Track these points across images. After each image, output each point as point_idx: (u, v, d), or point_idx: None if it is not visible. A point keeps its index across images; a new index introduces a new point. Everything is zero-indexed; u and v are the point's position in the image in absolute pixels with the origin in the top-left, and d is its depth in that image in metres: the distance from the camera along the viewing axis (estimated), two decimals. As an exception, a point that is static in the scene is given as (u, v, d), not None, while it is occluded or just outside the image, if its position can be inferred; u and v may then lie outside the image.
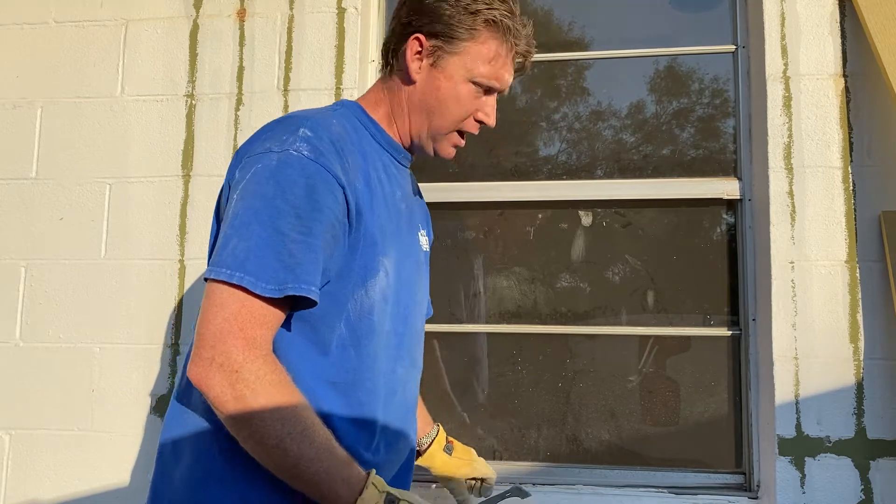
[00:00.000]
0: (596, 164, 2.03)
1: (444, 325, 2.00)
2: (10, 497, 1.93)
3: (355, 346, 1.09)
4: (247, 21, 2.02)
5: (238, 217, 1.00)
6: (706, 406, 1.89)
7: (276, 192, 0.99)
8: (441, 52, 1.14)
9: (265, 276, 0.96)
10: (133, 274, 1.95)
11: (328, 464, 0.98)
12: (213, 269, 0.98)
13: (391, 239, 1.15)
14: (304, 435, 0.96)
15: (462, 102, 1.16)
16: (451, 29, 1.13)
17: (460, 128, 1.20)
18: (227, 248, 0.98)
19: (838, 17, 1.81)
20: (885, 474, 1.66)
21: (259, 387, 0.95)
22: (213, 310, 0.96)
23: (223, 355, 0.94)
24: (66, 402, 1.94)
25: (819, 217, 1.75)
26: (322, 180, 1.01)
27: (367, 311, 1.09)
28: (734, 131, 1.96)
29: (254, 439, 0.96)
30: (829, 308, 1.72)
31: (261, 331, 0.97)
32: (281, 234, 0.98)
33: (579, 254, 2.00)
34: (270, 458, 0.97)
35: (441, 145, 1.21)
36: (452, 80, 1.15)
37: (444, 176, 2.05)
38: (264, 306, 0.97)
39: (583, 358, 1.96)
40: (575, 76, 2.09)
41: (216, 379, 0.94)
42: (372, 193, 1.11)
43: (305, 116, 1.09)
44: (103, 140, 2.02)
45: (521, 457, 1.94)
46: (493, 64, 1.15)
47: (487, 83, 1.16)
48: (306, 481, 0.98)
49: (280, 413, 0.96)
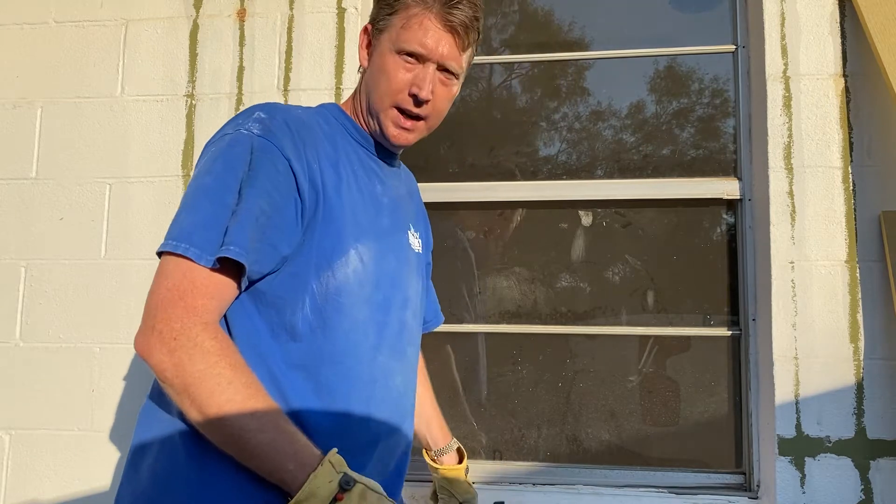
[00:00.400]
0: (596, 164, 2.03)
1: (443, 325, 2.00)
2: (10, 497, 1.93)
3: (322, 328, 1.07)
4: (247, 21, 2.02)
5: (188, 195, 1.04)
6: (706, 406, 1.89)
7: (223, 168, 1.03)
8: (377, 34, 1.19)
9: (209, 249, 0.98)
10: (133, 274, 1.95)
11: (273, 435, 0.96)
12: (163, 242, 1.00)
13: (367, 228, 1.15)
14: (246, 404, 0.95)
15: (390, 74, 1.15)
16: (383, 9, 1.18)
17: (396, 103, 1.17)
18: (176, 222, 1.02)
19: (838, 17, 1.81)
20: (885, 474, 1.66)
21: (196, 353, 0.95)
22: (159, 281, 0.98)
23: (163, 322, 0.95)
24: (66, 402, 1.94)
25: (819, 217, 1.75)
26: (265, 152, 1.04)
27: (335, 293, 1.08)
28: (734, 131, 1.96)
29: (195, 408, 0.95)
30: (829, 308, 1.72)
31: (202, 300, 0.98)
32: (227, 207, 1.00)
33: (579, 254, 2.00)
34: (214, 429, 0.96)
35: (384, 124, 1.19)
36: (382, 55, 1.17)
37: (444, 176, 2.05)
38: (208, 277, 0.98)
39: (583, 358, 1.96)
40: (575, 76, 2.09)
41: (156, 346, 0.95)
42: (340, 179, 1.12)
43: (265, 103, 1.13)
44: (103, 140, 2.02)
45: (521, 457, 1.94)
46: (409, 28, 1.15)
47: (408, 48, 1.14)
48: (252, 454, 0.96)
49: (219, 380, 0.95)
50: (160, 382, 0.98)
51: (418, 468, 1.66)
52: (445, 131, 2.09)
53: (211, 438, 0.97)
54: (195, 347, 0.95)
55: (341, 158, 1.15)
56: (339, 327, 1.09)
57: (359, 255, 1.12)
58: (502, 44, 2.12)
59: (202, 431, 0.97)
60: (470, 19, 1.17)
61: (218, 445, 0.97)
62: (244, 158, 1.03)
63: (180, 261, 0.98)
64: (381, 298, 1.16)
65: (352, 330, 1.11)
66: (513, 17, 2.13)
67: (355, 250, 1.11)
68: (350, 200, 1.13)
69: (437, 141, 2.08)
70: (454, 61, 1.18)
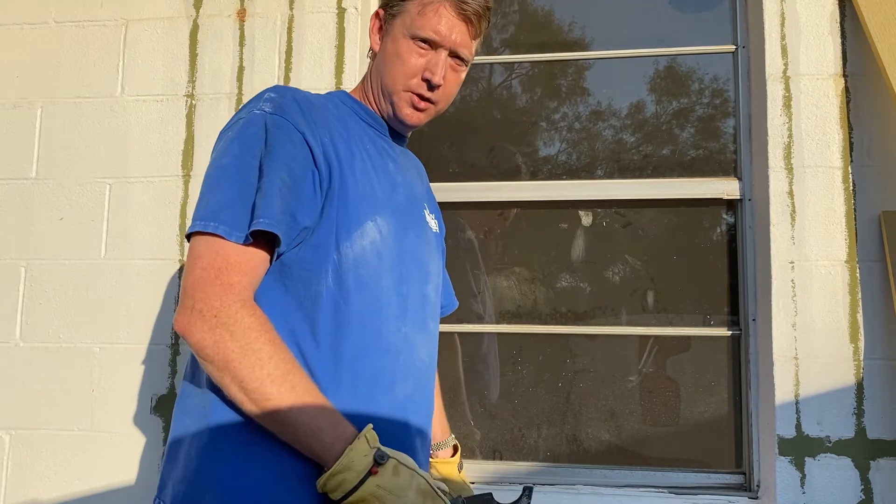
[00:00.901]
0: (596, 164, 2.03)
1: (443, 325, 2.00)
2: (10, 497, 1.93)
3: (345, 299, 1.09)
4: (247, 21, 2.02)
5: (210, 177, 1.06)
6: (706, 406, 1.89)
7: (241, 149, 1.05)
8: (389, 20, 1.23)
9: (238, 225, 1.00)
10: (133, 274, 1.95)
11: (312, 410, 0.98)
12: (190, 226, 1.03)
13: (384, 202, 1.17)
14: (286, 379, 0.97)
15: (403, 58, 1.20)
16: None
17: (409, 87, 1.21)
18: (201, 204, 1.04)
19: (838, 17, 1.81)
20: (885, 474, 1.66)
21: (237, 329, 0.97)
22: (192, 262, 1.01)
23: (202, 302, 0.98)
24: (66, 402, 1.94)
25: (819, 217, 1.75)
26: (279, 127, 1.07)
27: (354, 264, 1.10)
28: (734, 131, 1.96)
29: (235, 384, 0.97)
30: (829, 308, 1.72)
31: (237, 277, 1.00)
32: (251, 185, 1.03)
33: (579, 254, 2.00)
34: (254, 403, 0.97)
35: (398, 106, 1.23)
36: (396, 39, 1.21)
37: (445, 176, 2.05)
38: (240, 253, 1.01)
39: (583, 358, 1.96)
40: (575, 76, 2.09)
41: (197, 325, 0.97)
42: (353, 155, 1.15)
43: (275, 86, 1.16)
44: (103, 140, 2.02)
45: (521, 457, 1.94)
46: (424, 14, 1.19)
47: (423, 34, 1.19)
48: (291, 429, 0.98)
49: (259, 355, 0.97)
50: (201, 360, 0.99)
51: (418, 468, 1.66)
52: (445, 131, 2.10)
53: (250, 413, 0.99)
54: (235, 324, 0.97)
55: (353, 137, 1.18)
56: (362, 297, 1.11)
57: (377, 227, 1.14)
58: (502, 44, 2.12)
59: (242, 406, 0.99)
60: (483, 9, 1.22)
61: (258, 420, 0.99)
62: (260, 136, 1.06)
63: (212, 239, 1.00)
64: (402, 271, 1.18)
65: (374, 300, 1.12)
66: (513, 17, 2.13)
67: (373, 222, 1.14)
68: (364, 175, 1.15)
69: (438, 141, 2.08)
70: (465, 48, 1.22)
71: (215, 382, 1.00)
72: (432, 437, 1.53)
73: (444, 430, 1.56)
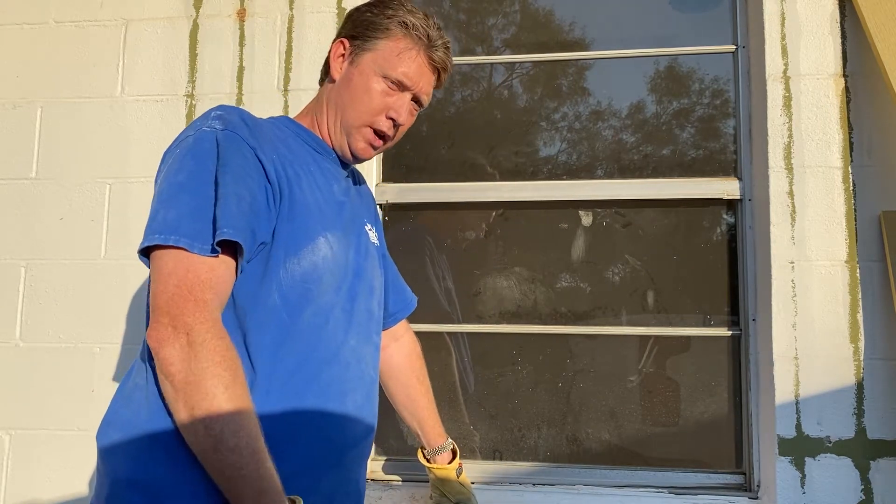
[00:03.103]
0: (596, 164, 2.03)
1: (443, 326, 2.00)
2: (10, 497, 1.93)
3: (291, 314, 1.10)
4: (247, 21, 2.02)
5: (164, 193, 1.04)
6: (706, 406, 1.89)
7: (195, 164, 1.05)
8: (357, 51, 1.24)
9: (200, 237, 0.99)
10: (133, 274, 1.95)
11: (246, 461, 0.95)
12: (147, 238, 1.01)
13: (332, 220, 1.19)
14: (233, 419, 0.95)
15: (372, 95, 1.22)
16: (368, 29, 1.24)
17: (373, 124, 1.24)
18: (157, 218, 1.02)
19: (838, 17, 1.81)
20: (886, 474, 1.66)
21: (203, 350, 0.95)
22: (163, 277, 0.99)
23: (177, 318, 0.96)
24: (66, 402, 1.94)
25: (819, 217, 1.75)
26: (231, 142, 1.07)
27: (302, 279, 1.11)
28: (734, 131, 1.96)
29: (186, 409, 0.95)
30: (829, 308, 1.72)
31: (210, 294, 0.99)
32: (209, 198, 1.02)
33: (579, 254, 2.00)
34: (195, 433, 0.95)
35: (354, 139, 1.25)
36: (364, 74, 1.23)
37: (445, 176, 2.05)
38: (210, 269, 1.00)
39: (583, 358, 1.96)
40: (575, 76, 2.09)
41: (169, 340, 0.96)
42: (299, 175, 1.16)
43: (220, 105, 1.16)
44: (103, 140, 2.02)
45: (521, 457, 1.94)
46: (401, 58, 1.23)
47: (396, 77, 1.23)
48: (219, 469, 0.96)
49: (216, 382, 0.95)
50: (161, 375, 0.98)
51: (419, 468, 1.66)
52: (446, 131, 2.10)
53: (189, 442, 0.97)
54: (203, 344, 0.96)
55: (297, 159, 1.19)
56: (311, 312, 1.12)
57: (328, 242, 1.15)
58: (502, 44, 2.12)
59: (183, 432, 0.97)
60: (449, 63, 1.29)
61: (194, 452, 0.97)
62: (212, 152, 1.06)
63: (179, 253, 0.99)
64: (347, 286, 1.20)
65: (322, 314, 1.14)
66: (513, 17, 2.13)
67: (324, 238, 1.15)
68: (312, 195, 1.17)
69: (438, 141, 2.08)
70: (427, 96, 1.30)
71: (167, 400, 0.98)
72: (427, 443, 1.55)
73: (440, 434, 1.57)
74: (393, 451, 1.98)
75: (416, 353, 1.58)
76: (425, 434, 1.55)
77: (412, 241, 2.05)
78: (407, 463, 1.93)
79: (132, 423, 1.05)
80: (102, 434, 1.09)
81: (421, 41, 1.24)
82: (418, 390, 1.55)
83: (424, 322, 1.95)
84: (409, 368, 1.55)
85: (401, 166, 2.07)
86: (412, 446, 1.95)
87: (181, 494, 1.00)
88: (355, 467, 1.22)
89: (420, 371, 1.57)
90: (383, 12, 1.24)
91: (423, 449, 1.58)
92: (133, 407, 1.07)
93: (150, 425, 1.03)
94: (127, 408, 1.08)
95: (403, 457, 1.95)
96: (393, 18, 1.23)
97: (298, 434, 1.09)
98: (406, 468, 1.93)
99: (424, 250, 2.04)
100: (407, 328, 1.58)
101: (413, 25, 1.23)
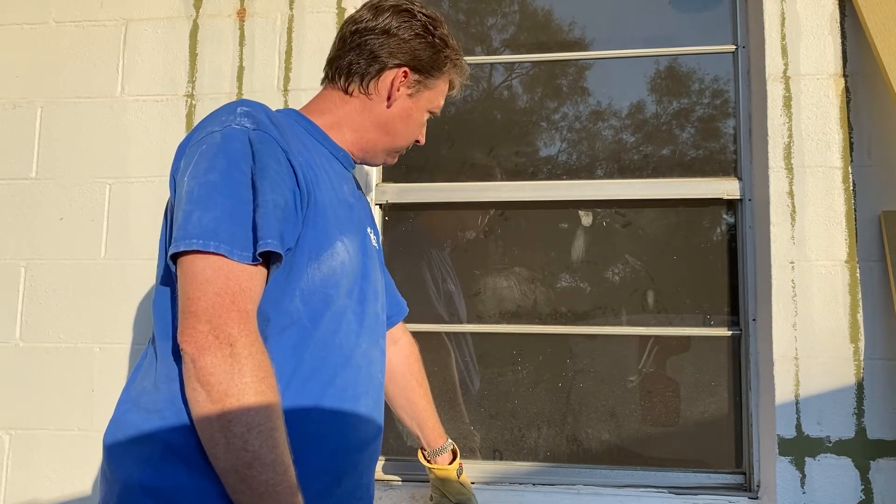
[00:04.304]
0: (596, 164, 2.03)
1: (444, 326, 2.00)
2: (10, 497, 1.93)
3: (312, 319, 1.09)
4: (247, 21, 2.02)
5: (195, 192, 0.99)
6: (706, 406, 1.89)
7: (228, 164, 1.01)
8: (420, 87, 1.29)
9: (239, 244, 0.96)
10: (133, 274, 1.95)
11: (282, 477, 0.94)
12: (183, 242, 0.96)
13: (346, 223, 1.19)
14: (272, 436, 0.93)
15: (419, 127, 1.35)
16: (433, 68, 1.29)
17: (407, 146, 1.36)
18: (192, 220, 0.97)
19: (838, 17, 1.81)
20: (886, 474, 1.66)
21: (247, 364, 0.93)
22: (201, 285, 0.95)
23: (219, 328, 0.93)
24: (66, 402, 1.94)
25: (819, 217, 1.75)
26: (265, 144, 1.05)
27: (321, 284, 1.10)
28: (734, 131, 1.96)
29: (221, 421, 0.92)
30: (829, 308, 1.72)
31: (251, 305, 0.97)
32: (245, 202, 0.99)
33: (579, 254, 2.00)
34: (229, 447, 0.92)
35: (391, 159, 1.37)
36: (421, 110, 1.32)
37: (445, 176, 2.05)
38: (250, 278, 0.98)
39: (583, 358, 1.96)
40: (575, 76, 2.09)
41: (211, 349, 0.92)
42: (318, 176, 1.14)
43: (243, 100, 1.14)
44: (103, 140, 2.02)
45: (521, 457, 1.94)
46: (441, 94, 1.35)
47: (435, 110, 1.36)
48: (251, 485, 0.93)
49: (260, 399, 0.93)
50: (197, 383, 0.93)
51: (419, 468, 1.66)
52: (446, 131, 2.10)
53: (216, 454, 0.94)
54: (249, 357, 0.93)
55: (315, 160, 1.18)
56: (329, 315, 1.12)
57: (345, 246, 1.15)
58: (502, 44, 2.12)
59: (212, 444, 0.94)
60: None
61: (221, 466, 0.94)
62: (246, 152, 1.02)
63: (218, 260, 0.95)
64: (358, 290, 1.20)
65: (339, 318, 1.14)
66: (513, 17, 2.13)
67: (341, 242, 1.15)
68: (328, 197, 1.16)
69: (437, 141, 2.08)
70: None
71: (197, 409, 0.94)
72: (428, 444, 1.55)
73: (440, 435, 1.57)
74: (393, 451, 1.98)
75: (414, 356, 1.57)
76: (425, 436, 1.55)
77: (412, 241, 2.05)
78: (407, 463, 1.93)
79: (143, 427, 1.02)
80: (111, 437, 1.06)
81: (459, 77, 1.35)
82: (417, 393, 1.55)
83: (424, 322, 1.95)
84: (408, 371, 1.55)
85: (401, 166, 2.07)
86: (412, 446, 1.95)
87: (197, 503, 0.98)
88: (368, 469, 1.21)
89: (419, 373, 1.57)
90: (442, 51, 1.29)
91: (423, 450, 1.58)
92: (143, 411, 1.04)
93: (163, 431, 1.00)
94: (137, 412, 1.05)
95: (403, 457, 1.95)
96: (447, 61, 1.30)
97: (316, 438, 1.08)
98: (406, 468, 1.93)
99: (424, 250, 2.04)
100: (404, 331, 1.58)
101: (459, 66, 1.33)
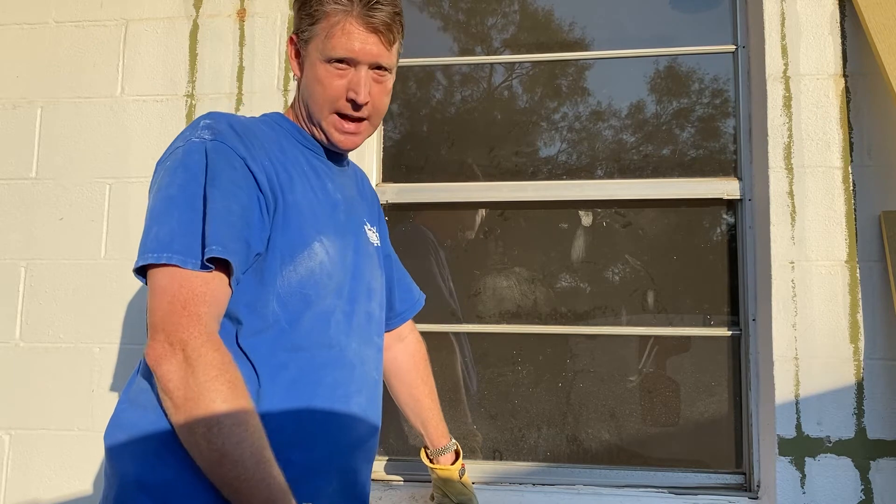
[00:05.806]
0: (596, 164, 2.03)
1: (443, 326, 2.00)
2: (10, 497, 1.93)
3: (291, 321, 1.10)
4: (247, 21, 2.02)
5: (156, 208, 1.05)
6: (706, 406, 1.89)
7: (186, 178, 1.05)
8: (302, 44, 1.21)
9: (193, 253, 1.00)
10: (133, 274, 1.95)
11: (251, 472, 0.96)
12: (142, 257, 1.02)
13: (326, 222, 1.18)
14: (233, 432, 0.96)
15: (324, 84, 1.18)
16: (304, 20, 1.20)
17: (336, 109, 1.20)
18: (150, 236, 1.03)
19: (838, 17, 1.81)
20: (886, 474, 1.66)
21: (199, 365, 0.96)
22: (158, 294, 1.00)
23: (172, 335, 0.97)
24: (66, 402, 1.93)
25: (819, 217, 1.75)
26: (219, 153, 1.07)
27: (298, 286, 1.11)
28: (734, 131, 1.96)
29: (187, 425, 0.96)
30: (829, 308, 1.72)
31: (204, 308, 1.00)
32: (198, 212, 1.02)
33: (579, 254, 2.00)
34: (198, 448, 0.97)
35: (327, 131, 1.22)
36: (314, 65, 1.19)
37: (445, 176, 2.05)
38: (204, 284, 1.00)
39: (583, 358, 1.96)
40: (575, 76, 2.09)
41: (166, 357, 0.97)
42: (292, 178, 1.15)
43: (210, 112, 1.16)
44: (103, 140, 2.02)
45: (521, 457, 1.94)
46: (334, 35, 1.16)
47: (336, 55, 1.17)
48: (226, 482, 0.97)
49: (215, 396, 0.96)
50: (162, 392, 0.98)
51: (420, 468, 1.66)
52: (445, 131, 2.10)
53: (193, 456, 0.98)
54: (199, 359, 0.96)
55: (289, 160, 1.17)
56: (311, 317, 1.12)
57: (324, 247, 1.15)
58: (502, 44, 2.12)
59: (187, 447, 0.98)
60: (391, 17, 1.19)
61: (200, 466, 0.98)
62: (201, 163, 1.05)
63: (172, 270, 1.00)
64: (347, 289, 1.19)
65: (323, 319, 1.14)
66: (513, 17, 2.13)
67: (319, 243, 1.14)
68: (306, 197, 1.16)
69: (437, 141, 2.08)
70: (384, 58, 1.20)
71: (169, 416, 0.99)
72: (431, 443, 1.55)
73: (444, 435, 1.56)
74: (394, 451, 1.98)
75: (420, 354, 1.57)
76: (429, 435, 1.55)
77: (412, 241, 2.05)
78: (408, 463, 1.93)
79: (139, 425, 1.06)
80: (110, 435, 1.09)
81: (349, 9, 1.16)
82: (422, 391, 1.55)
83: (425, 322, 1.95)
84: (414, 369, 1.55)
85: (401, 166, 2.07)
86: (413, 446, 1.95)
87: (189, 497, 1.01)
88: (361, 469, 1.22)
89: (425, 372, 1.57)
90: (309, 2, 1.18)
91: (427, 449, 1.58)
92: (140, 409, 1.07)
93: (158, 429, 1.03)
94: (134, 410, 1.08)
95: (404, 457, 1.95)
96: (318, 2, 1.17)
97: (306, 438, 1.09)
98: (407, 468, 1.93)
99: (424, 250, 2.04)
100: (412, 328, 1.58)
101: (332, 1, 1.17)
